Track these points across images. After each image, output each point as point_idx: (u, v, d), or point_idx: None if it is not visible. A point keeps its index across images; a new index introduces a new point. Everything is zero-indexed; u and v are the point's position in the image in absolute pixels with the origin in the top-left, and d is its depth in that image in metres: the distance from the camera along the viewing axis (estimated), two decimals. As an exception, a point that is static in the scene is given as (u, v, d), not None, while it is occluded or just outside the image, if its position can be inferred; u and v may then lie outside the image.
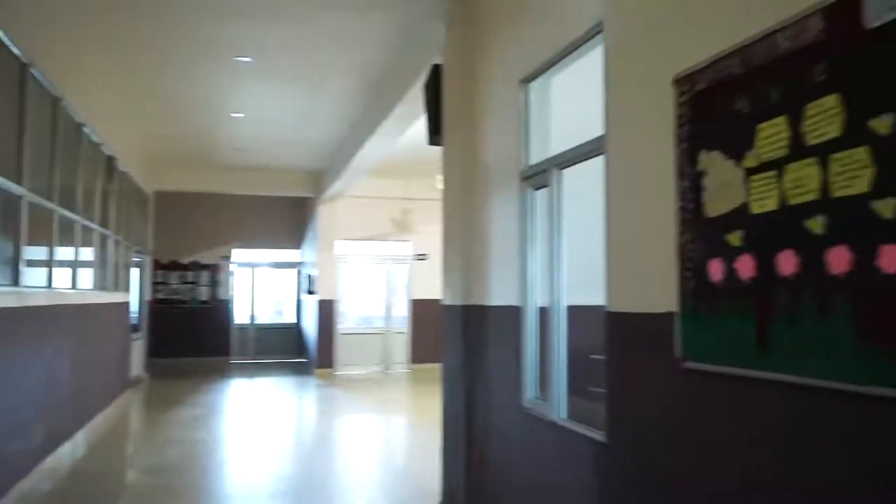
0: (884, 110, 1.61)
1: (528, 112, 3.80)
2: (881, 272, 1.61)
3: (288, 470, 6.60)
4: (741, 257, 2.07)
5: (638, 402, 2.62)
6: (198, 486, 5.96)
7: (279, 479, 6.15)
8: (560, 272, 3.44)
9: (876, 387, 1.62)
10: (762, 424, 2.00)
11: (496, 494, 4.06)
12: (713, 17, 2.25)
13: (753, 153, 2.02)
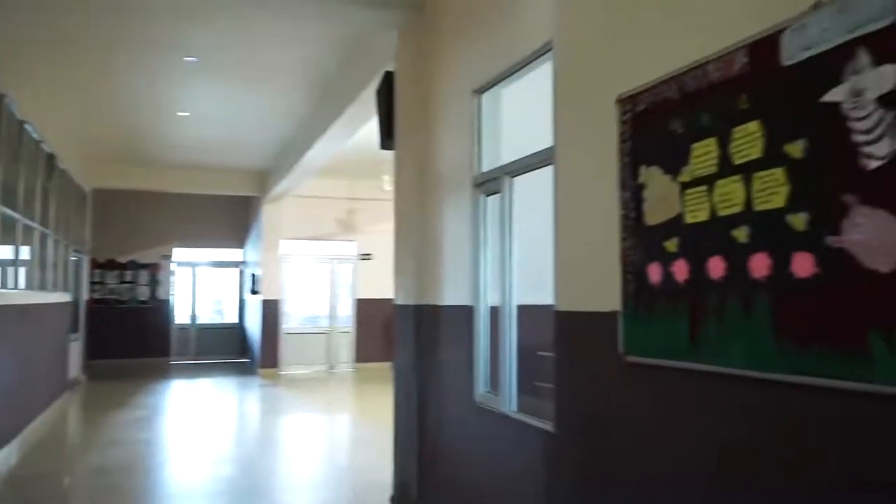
0: (797, 137, 1.87)
1: (481, 121, 4.01)
2: (794, 276, 1.87)
3: (236, 469, 6.65)
4: (676, 262, 2.31)
5: (584, 393, 2.85)
6: (142, 487, 5.97)
7: (227, 479, 6.21)
8: (511, 274, 3.67)
9: (790, 374, 1.88)
10: (695, 411, 2.25)
11: (448, 484, 4.26)
12: (652, 46, 2.49)
13: (688, 169, 2.27)
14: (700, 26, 2.26)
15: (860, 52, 1.71)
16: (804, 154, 1.86)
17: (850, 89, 1.73)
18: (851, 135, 1.72)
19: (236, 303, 16.67)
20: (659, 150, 2.42)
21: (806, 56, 1.86)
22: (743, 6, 2.09)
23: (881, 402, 1.64)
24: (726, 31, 2.12)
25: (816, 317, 1.82)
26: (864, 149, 1.69)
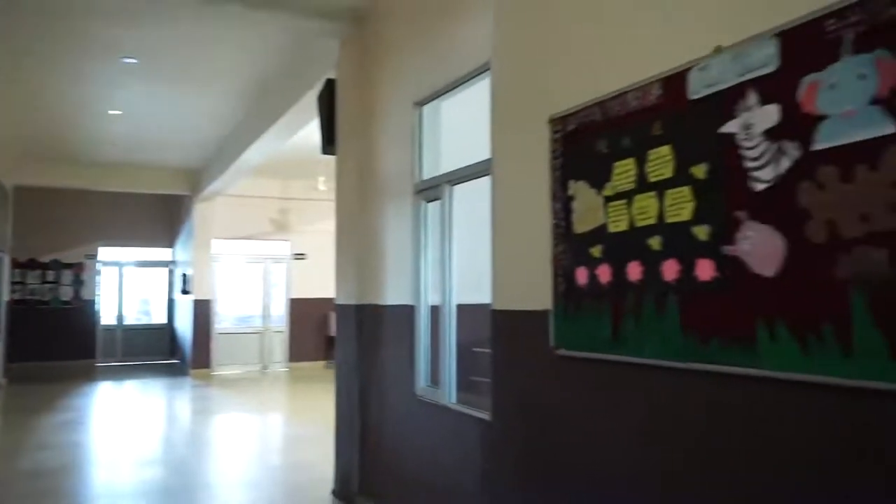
0: (700, 160, 2.20)
1: (422, 132, 4.26)
2: (698, 279, 2.20)
3: (170, 469, 6.69)
4: (600, 266, 2.63)
5: (518, 384, 3.14)
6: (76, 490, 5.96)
7: (161, 479, 6.24)
8: (450, 275, 3.94)
9: (695, 363, 2.21)
10: (617, 397, 2.57)
11: (390, 474, 4.49)
12: (582, 73, 2.79)
13: (610, 185, 2.59)
14: (622, 59, 2.58)
15: (750, 93, 2.04)
16: (706, 175, 2.19)
17: (742, 123, 2.07)
18: (743, 161, 2.06)
19: (165, 303, 16.39)
20: (586, 167, 2.73)
21: (708, 92, 2.19)
22: (659, 45, 2.41)
23: (766, 383, 1.98)
24: (644, 65, 2.44)
25: (715, 314, 2.15)
26: (753, 173, 2.03)
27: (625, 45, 2.57)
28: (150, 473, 6.47)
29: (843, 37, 1.80)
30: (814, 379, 1.85)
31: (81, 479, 6.33)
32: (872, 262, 1.71)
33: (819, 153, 1.85)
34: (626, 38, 2.57)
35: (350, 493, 5.03)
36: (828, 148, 1.83)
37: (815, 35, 1.87)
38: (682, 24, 2.32)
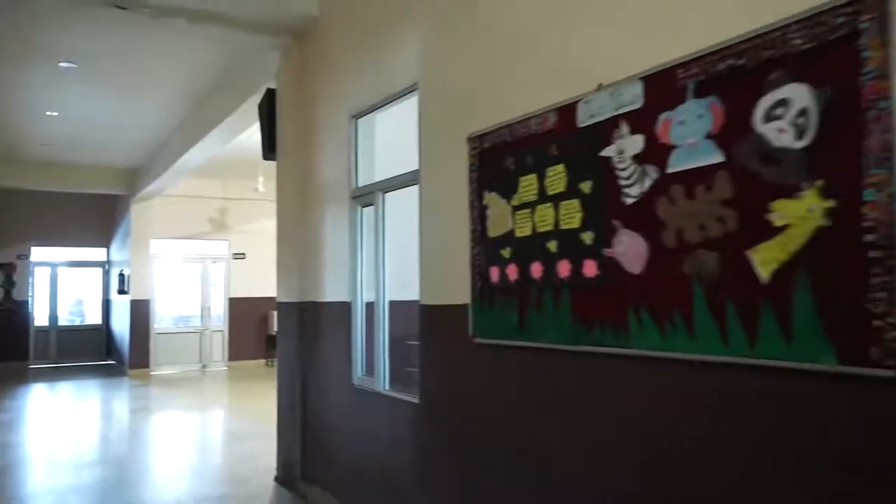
0: (586, 178, 2.66)
1: (357, 143, 4.63)
2: (584, 276, 2.66)
3: (109, 465, 6.87)
4: (509, 266, 3.06)
5: (443, 369, 3.56)
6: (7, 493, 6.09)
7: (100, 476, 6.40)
8: (383, 274, 4.33)
9: (583, 346, 2.66)
10: (522, 376, 3.01)
11: (330, 458, 4.85)
12: (495, 98, 3.22)
13: (517, 196, 3.03)
14: (527, 89, 3.01)
15: (623, 124, 2.51)
16: (590, 190, 2.65)
17: (617, 148, 2.53)
18: (618, 180, 2.52)
19: (100, 303, 16.23)
20: (497, 180, 3.16)
21: (591, 122, 2.64)
22: (555, 79, 2.85)
23: (636, 361, 2.45)
24: (544, 96, 2.88)
25: (598, 305, 2.61)
26: (625, 190, 2.49)
27: (529, 77, 3.01)
28: (88, 470, 6.61)
29: (687, 84, 2.27)
30: (669, 356, 2.32)
31: (15, 479, 6.43)
32: (707, 262, 2.19)
33: (671, 175, 2.32)
34: (530, 71, 3.01)
35: (292, 478, 5.36)
36: (677, 171, 2.30)
37: (668, 81, 2.33)
38: (573, 64, 2.77)
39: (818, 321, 1.89)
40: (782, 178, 1.98)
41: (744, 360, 2.08)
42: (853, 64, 1.82)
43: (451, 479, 3.47)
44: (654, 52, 2.39)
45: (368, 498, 4.29)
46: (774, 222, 2.00)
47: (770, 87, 2.02)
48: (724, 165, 2.15)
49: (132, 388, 12.14)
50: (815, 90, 1.90)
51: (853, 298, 1.81)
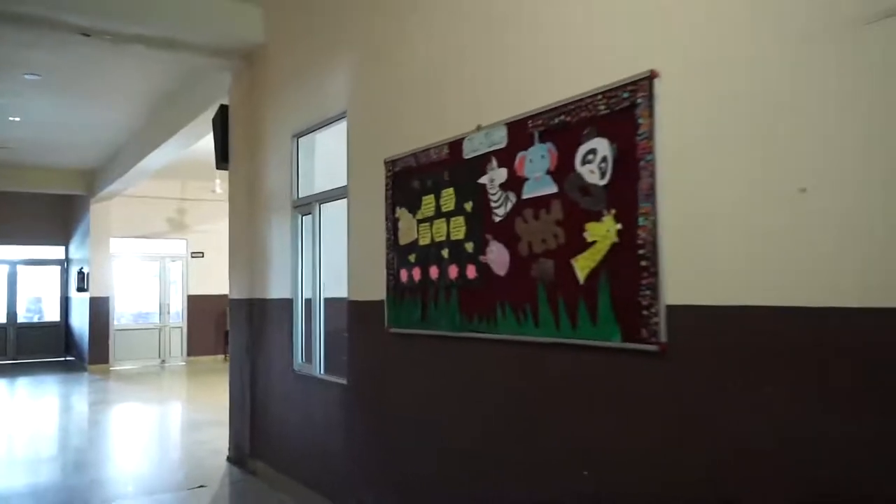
0: (469, 200, 3.35)
1: (298, 159, 5.27)
2: (467, 278, 3.35)
3: (69, 448, 7.39)
4: (414, 268, 3.75)
5: (365, 354, 4.24)
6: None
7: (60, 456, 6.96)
8: (319, 274, 4.99)
9: (467, 333, 3.35)
10: (424, 357, 3.69)
11: (275, 437, 5.49)
12: (406, 129, 3.90)
13: (420, 212, 3.71)
14: (428, 124, 3.69)
15: (493, 158, 3.20)
16: (472, 210, 3.34)
17: (489, 177, 3.23)
18: (490, 202, 3.22)
19: (59, 301, 16.50)
20: (406, 198, 3.84)
21: (473, 155, 3.34)
22: (448, 118, 3.53)
23: (501, 343, 3.15)
24: (440, 130, 3.56)
25: (477, 300, 3.31)
26: (495, 210, 3.19)
27: (431, 115, 3.69)
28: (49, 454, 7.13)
29: (535, 132, 2.98)
30: (522, 338, 3.02)
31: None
32: (547, 268, 2.90)
33: (524, 200, 3.03)
34: (431, 109, 3.70)
35: (242, 457, 5.98)
36: (528, 198, 3.01)
37: (523, 128, 3.04)
38: (461, 107, 3.46)
39: (612, 311, 2.61)
40: (592, 206, 2.70)
41: (569, 340, 2.79)
42: (632, 127, 2.54)
43: (372, 444, 4.15)
44: (515, 105, 3.09)
45: (305, 467, 4.94)
46: (587, 239, 2.72)
47: (585, 138, 2.74)
48: (557, 195, 2.86)
49: (92, 383, 12.54)
50: (611, 144, 2.62)
51: (631, 295, 2.53)
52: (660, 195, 2.45)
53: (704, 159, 2.33)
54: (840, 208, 1.96)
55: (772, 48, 2.13)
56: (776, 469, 2.10)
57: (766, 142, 2.15)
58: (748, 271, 2.19)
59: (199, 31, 5.59)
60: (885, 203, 1.86)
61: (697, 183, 2.35)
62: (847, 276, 1.93)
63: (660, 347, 2.43)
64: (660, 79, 2.46)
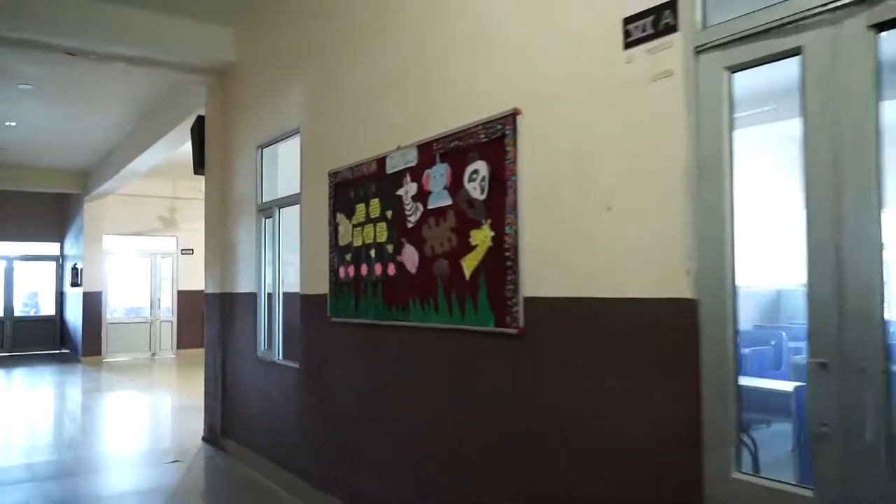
0: (390, 208, 3.96)
1: (262, 167, 5.87)
2: (388, 274, 3.96)
3: (61, 428, 8.00)
4: (350, 266, 4.35)
5: (313, 341, 4.85)
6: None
7: (54, 436, 7.56)
8: (279, 271, 5.59)
9: (389, 321, 3.96)
10: (357, 342, 4.30)
11: (242, 417, 6.10)
12: (344, 146, 4.50)
13: (354, 217, 4.32)
14: (360, 144, 4.30)
15: (407, 174, 3.81)
16: (392, 217, 3.95)
17: (405, 190, 3.83)
18: (405, 211, 3.82)
19: (54, 295, 17.09)
20: (344, 205, 4.45)
21: (393, 171, 3.95)
22: (376, 139, 4.14)
23: (413, 329, 3.76)
24: (370, 149, 4.17)
25: (395, 294, 3.91)
26: (408, 218, 3.79)
27: (364, 134, 4.30)
28: (45, 433, 7.75)
29: (436, 153, 3.58)
30: (426, 325, 3.63)
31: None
32: (444, 266, 3.51)
33: (429, 210, 3.63)
34: (364, 129, 4.30)
35: (215, 436, 6.59)
36: (432, 208, 3.61)
37: (428, 149, 3.64)
38: (386, 129, 4.06)
39: (488, 302, 3.22)
40: (475, 216, 3.31)
41: (459, 325, 3.40)
42: (502, 153, 3.14)
43: (317, 417, 4.77)
44: (423, 130, 3.70)
45: (267, 443, 5.55)
46: (472, 243, 3.32)
47: (470, 160, 3.34)
48: (451, 206, 3.47)
49: (85, 373, 13.14)
50: (488, 165, 3.23)
51: (500, 289, 3.14)
52: (520, 208, 3.05)
53: (548, 180, 2.93)
54: (635, 222, 2.56)
55: (592, 97, 2.74)
56: (588, 410, 2.71)
57: (586, 169, 2.75)
58: (579, 270, 2.79)
59: (175, 50, 6.18)
60: (661, 220, 2.46)
61: (544, 199, 2.95)
62: (643, 274, 2.53)
63: (519, 331, 3.04)
64: (521, 115, 3.07)
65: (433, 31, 3.71)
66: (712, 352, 2.29)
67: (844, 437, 1.95)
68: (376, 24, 4.22)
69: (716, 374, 2.28)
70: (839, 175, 1.98)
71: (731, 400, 2.26)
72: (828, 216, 2.01)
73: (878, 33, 1.94)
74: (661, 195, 2.46)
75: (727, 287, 2.28)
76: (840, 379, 1.96)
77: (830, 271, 1.99)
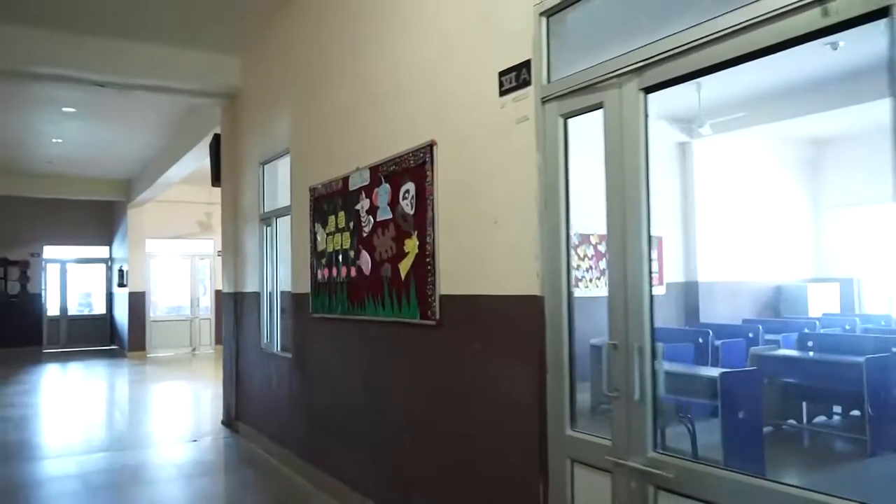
0: (351, 220, 4.67)
1: (264, 182, 6.66)
2: (351, 276, 4.68)
3: (109, 414, 8.96)
4: (325, 269, 5.09)
5: (300, 334, 5.61)
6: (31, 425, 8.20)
7: (103, 419, 8.51)
8: (277, 273, 6.37)
9: (353, 315, 4.68)
10: (330, 333, 5.04)
11: (250, 401, 6.91)
12: (319, 167, 5.23)
13: (328, 227, 5.05)
14: (332, 165, 5.02)
15: (362, 192, 4.52)
16: (353, 227, 4.67)
17: (361, 205, 4.54)
18: (361, 223, 4.53)
19: (104, 295, 18.37)
20: (321, 217, 5.18)
21: (353, 188, 4.66)
22: (344, 159, 4.85)
23: (368, 322, 4.47)
24: (337, 169, 4.89)
25: (356, 292, 4.63)
26: (363, 228, 4.51)
27: (333, 156, 5.02)
28: (99, 415, 8.72)
29: (381, 174, 4.28)
30: (376, 318, 4.34)
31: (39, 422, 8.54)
32: (388, 269, 4.21)
33: (378, 222, 4.34)
34: (333, 152, 5.03)
35: (230, 419, 7.43)
36: (379, 220, 4.32)
37: (376, 171, 4.35)
38: (349, 153, 4.77)
39: (416, 299, 3.91)
40: (407, 228, 4.00)
41: (397, 318, 4.10)
42: (424, 176, 3.83)
43: (304, 397, 5.53)
44: (373, 155, 4.40)
45: (268, 423, 6.34)
46: (405, 250, 4.02)
47: (403, 181, 4.03)
48: (392, 220, 4.16)
49: (131, 367, 14.26)
50: (415, 186, 3.91)
51: (424, 288, 3.82)
52: (436, 222, 3.73)
53: (454, 199, 3.60)
54: (511, 235, 3.21)
55: (483, 134, 3.39)
56: (482, 380, 3.38)
57: (480, 191, 3.41)
58: (476, 273, 3.45)
59: (188, 79, 7.02)
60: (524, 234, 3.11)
61: (452, 215, 3.63)
62: (515, 276, 3.18)
63: (436, 322, 3.72)
64: (437, 146, 3.75)
65: (379, 74, 4.41)
66: (553, 336, 2.94)
67: (626, 398, 2.58)
68: (340, 63, 4.95)
69: (555, 355, 2.93)
70: (622, 203, 2.61)
71: (565, 375, 2.90)
72: (618, 237, 2.64)
73: (647, 94, 2.57)
74: (524, 215, 3.11)
75: (563, 288, 2.92)
76: (625, 355, 2.59)
77: (621, 280, 2.62)
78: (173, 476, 5.88)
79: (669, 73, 2.46)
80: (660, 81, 2.51)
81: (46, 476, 5.99)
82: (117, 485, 5.63)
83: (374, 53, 4.48)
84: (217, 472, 6.11)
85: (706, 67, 2.36)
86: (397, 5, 4.23)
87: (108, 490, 5.51)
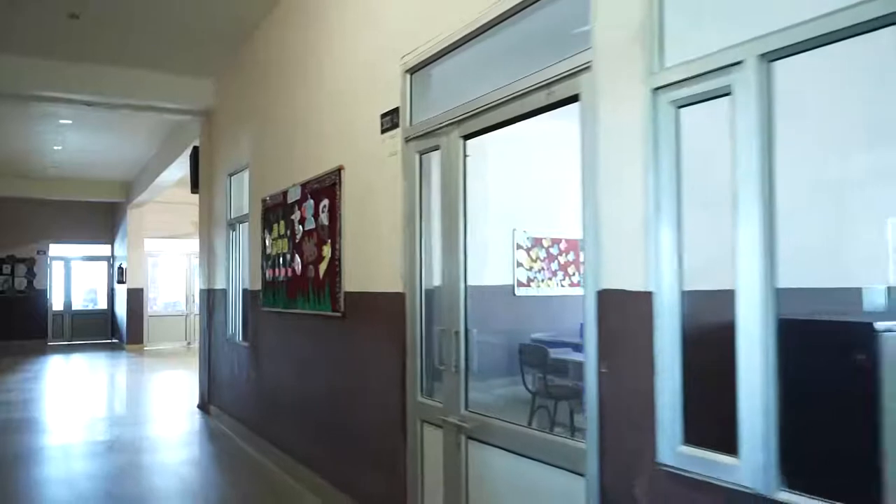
0: (288, 228, 5.52)
1: (230, 191, 7.53)
2: (289, 276, 5.53)
3: (110, 395, 9.87)
4: (271, 270, 5.94)
5: (253, 324, 6.47)
6: (35, 405, 9.11)
7: (95, 401, 9.42)
8: (241, 271, 7.25)
9: (290, 309, 5.53)
10: (274, 324, 5.89)
11: (218, 386, 7.79)
12: (268, 180, 6.08)
13: (273, 234, 5.90)
14: (277, 179, 5.87)
15: (296, 204, 5.37)
16: (289, 235, 5.52)
17: (297, 216, 5.39)
18: (295, 231, 5.38)
19: (106, 291, 19.32)
20: (268, 224, 6.04)
21: (291, 201, 5.51)
22: (284, 176, 5.69)
23: (303, 315, 5.32)
24: (281, 183, 5.74)
25: (293, 289, 5.48)
26: (296, 236, 5.35)
27: (279, 172, 5.87)
28: (95, 397, 9.63)
29: (308, 191, 5.13)
30: (304, 311, 5.19)
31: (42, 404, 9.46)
32: (310, 270, 5.06)
33: (305, 231, 5.18)
34: (278, 169, 5.88)
35: (204, 403, 8.31)
36: (306, 229, 5.16)
37: (305, 189, 5.19)
38: (287, 171, 5.62)
39: (329, 296, 4.75)
40: (324, 236, 4.84)
41: (316, 311, 4.94)
42: (335, 193, 4.67)
43: (258, 380, 6.39)
44: (303, 174, 5.25)
45: (232, 404, 7.21)
46: (323, 255, 4.86)
47: (322, 198, 4.88)
48: (315, 229, 5.01)
49: (128, 358, 15.19)
50: (329, 202, 4.76)
51: (334, 286, 4.67)
52: (343, 232, 4.58)
53: (355, 214, 4.45)
54: (389, 244, 4.04)
55: (372, 163, 4.23)
56: (370, 359, 4.22)
57: (371, 208, 4.25)
58: (367, 274, 4.29)
59: (168, 99, 7.91)
60: (394, 244, 3.94)
61: (354, 227, 4.47)
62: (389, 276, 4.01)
63: (342, 314, 4.57)
64: (345, 170, 4.59)
65: (308, 105, 5.26)
66: (410, 324, 3.78)
67: (451, 370, 3.42)
68: (286, 91, 5.80)
69: (412, 339, 3.77)
70: (449, 219, 3.45)
71: (418, 354, 3.74)
72: (449, 246, 3.47)
73: (465, 140, 3.40)
74: (394, 228, 3.95)
75: (417, 287, 3.76)
76: (450, 337, 3.43)
77: (448, 279, 3.46)
78: (144, 448, 6.76)
79: (481, 125, 3.30)
80: (474, 131, 3.34)
81: (41, 445, 6.89)
82: (93, 454, 6.52)
83: (308, 85, 5.33)
84: (181, 447, 6.99)
85: (503, 122, 3.19)
86: (318, 49, 5.08)
87: (90, 458, 6.40)
